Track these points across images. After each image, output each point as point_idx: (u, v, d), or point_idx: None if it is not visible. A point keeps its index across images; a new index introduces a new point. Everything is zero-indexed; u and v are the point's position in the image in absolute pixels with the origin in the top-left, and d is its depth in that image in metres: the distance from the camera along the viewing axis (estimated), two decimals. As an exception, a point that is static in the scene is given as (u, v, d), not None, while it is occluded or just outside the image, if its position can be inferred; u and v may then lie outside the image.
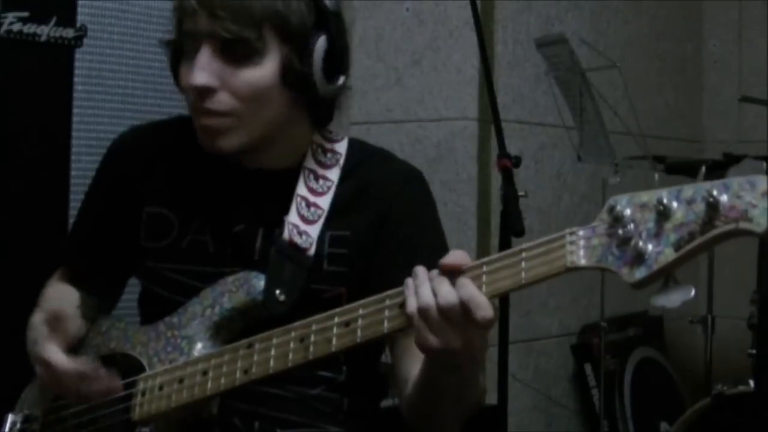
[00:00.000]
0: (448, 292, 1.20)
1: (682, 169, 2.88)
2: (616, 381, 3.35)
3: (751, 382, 2.61)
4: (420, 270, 1.24)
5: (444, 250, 1.46)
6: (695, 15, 4.11)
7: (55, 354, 1.43)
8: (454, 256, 1.23)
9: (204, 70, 1.41)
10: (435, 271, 1.23)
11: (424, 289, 1.22)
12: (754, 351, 2.64)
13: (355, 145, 1.58)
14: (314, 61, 1.44)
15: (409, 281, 1.24)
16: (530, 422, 3.27)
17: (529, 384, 3.23)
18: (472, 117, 3.07)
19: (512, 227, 2.00)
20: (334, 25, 1.46)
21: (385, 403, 1.67)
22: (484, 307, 1.18)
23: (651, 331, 3.65)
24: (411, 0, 3.17)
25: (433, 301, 1.20)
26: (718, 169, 2.69)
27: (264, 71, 1.43)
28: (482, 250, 3.03)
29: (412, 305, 1.22)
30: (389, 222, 1.50)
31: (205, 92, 1.42)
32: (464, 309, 1.18)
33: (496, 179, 2.63)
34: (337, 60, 1.47)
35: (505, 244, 2.04)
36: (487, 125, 3.01)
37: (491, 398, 2.47)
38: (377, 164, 1.56)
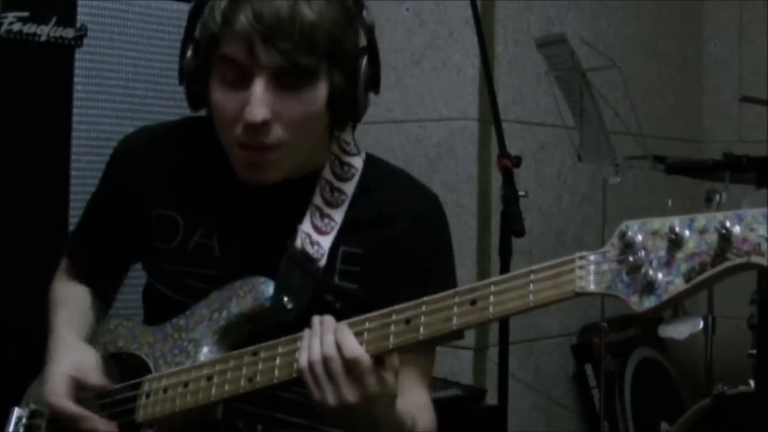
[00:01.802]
0: (329, 341, 1.25)
1: (682, 169, 2.88)
2: (617, 381, 3.35)
3: (752, 382, 2.60)
4: (316, 321, 1.28)
5: (453, 276, 1.50)
6: (696, 15, 4.11)
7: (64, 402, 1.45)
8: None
9: (262, 105, 1.33)
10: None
11: (315, 342, 1.26)
12: (754, 351, 2.64)
13: (372, 161, 1.55)
14: (360, 83, 1.40)
15: (306, 334, 1.28)
16: (530, 422, 3.27)
17: (529, 384, 3.22)
18: (472, 117, 3.07)
19: (512, 227, 2.01)
20: (374, 42, 1.42)
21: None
22: (353, 347, 1.23)
23: (651, 331, 3.64)
24: (411, 0, 3.17)
25: (319, 355, 1.24)
26: (719, 169, 2.68)
27: (316, 98, 1.37)
28: (482, 250, 3.03)
29: (302, 359, 1.26)
30: (405, 248, 1.48)
31: (262, 127, 1.34)
32: (339, 350, 1.23)
33: (496, 179, 2.63)
34: (376, 77, 1.44)
35: (505, 244, 2.05)
36: (488, 125, 3.01)
37: (491, 398, 2.47)
38: (396, 186, 1.53)
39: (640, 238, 1.08)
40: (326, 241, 1.45)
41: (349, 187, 1.50)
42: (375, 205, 1.49)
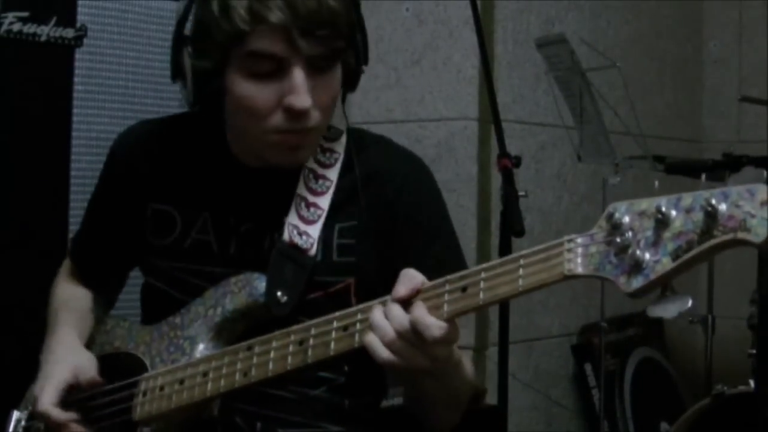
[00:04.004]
0: (400, 317, 1.22)
1: (682, 169, 2.88)
2: (616, 381, 3.35)
3: (751, 382, 2.60)
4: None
5: (453, 235, 1.54)
6: (695, 15, 4.11)
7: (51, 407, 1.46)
8: (406, 284, 1.24)
9: (306, 92, 1.37)
10: (387, 298, 1.26)
11: (378, 315, 1.24)
12: (754, 351, 2.64)
13: (353, 136, 1.57)
14: (361, 58, 1.46)
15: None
16: (530, 422, 3.27)
17: (529, 384, 3.22)
18: (472, 117, 3.07)
19: (512, 227, 2.01)
20: (360, 11, 1.46)
21: (385, 403, 1.67)
22: (432, 327, 1.20)
23: (651, 331, 3.65)
24: (411, 0, 3.17)
25: (389, 327, 1.22)
26: (719, 169, 2.68)
27: (338, 78, 1.43)
28: (482, 250, 3.03)
29: (373, 340, 1.24)
30: (399, 211, 1.49)
31: (306, 112, 1.38)
32: (415, 330, 1.21)
33: (496, 179, 2.63)
34: (366, 49, 1.48)
35: (505, 244, 2.05)
36: (487, 125, 3.01)
37: (491, 398, 2.47)
38: (379, 152, 1.55)
39: (627, 219, 1.08)
40: (314, 230, 1.47)
41: (333, 173, 1.51)
42: (363, 175, 1.50)
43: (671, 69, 3.97)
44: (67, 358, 1.51)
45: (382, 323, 1.23)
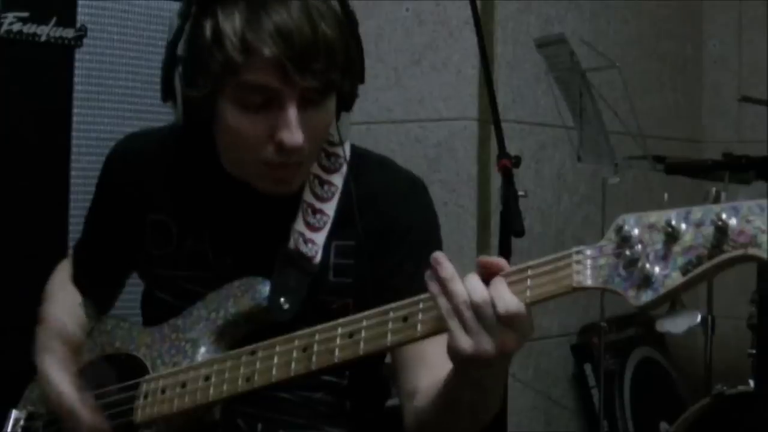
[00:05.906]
0: (479, 287, 1.15)
1: (682, 170, 2.88)
2: (616, 381, 3.35)
3: (751, 382, 2.60)
4: (442, 258, 1.18)
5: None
6: (695, 15, 4.11)
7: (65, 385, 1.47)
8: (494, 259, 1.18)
9: (299, 128, 1.32)
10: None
11: (456, 285, 1.16)
12: (754, 351, 2.64)
13: (357, 151, 1.55)
14: (357, 81, 1.41)
15: (432, 276, 1.17)
16: (530, 422, 3.27)
17: (529, 384, 3.23)
18: (472, 117, 3.07)
19: (512, 227, 2.00)
20: (358, 33, 1.41)
21: (389, 402, 1.66)
22: (511, 303, 1.13)
23: (651, 331, 3.63)
24: (411, 0, 3.18)
25: (467, 298, 1.14)
26: (719, 169, 2.69)
27: (332, 107, 1.39)
28: (482, 250, 3.03)
29: (444, 304, 1.16)
30: (396, 231, 1.47)
31: (297, 148, 1.34)
32: (493, 305, 1.13)
33: (496, 179, 2.63)
34: (362, 69, 1.43)
35: (504, 244, 2.05)
36: (487, 125, 3.01)
37: (491, 398, 2.47)
38: (381, 172, 1.53)
39: (636, 231, 1.08)
40: (320, 238, 1.45)
41: (338, 179, 1.49)
42: (364, 194, 1.48)
43: (671, 69, 3.97)
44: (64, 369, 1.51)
45: (462, 294, 1.15)
